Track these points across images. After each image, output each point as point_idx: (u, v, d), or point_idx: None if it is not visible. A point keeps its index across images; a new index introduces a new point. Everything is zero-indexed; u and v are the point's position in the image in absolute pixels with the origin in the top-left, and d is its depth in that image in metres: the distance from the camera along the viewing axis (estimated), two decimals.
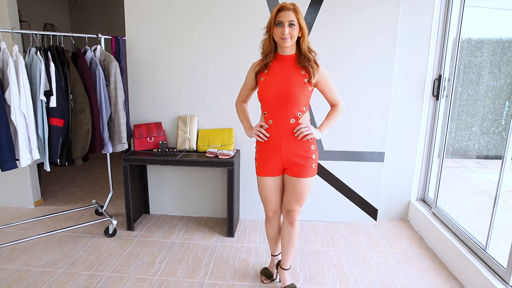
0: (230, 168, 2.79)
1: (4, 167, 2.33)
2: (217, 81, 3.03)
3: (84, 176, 4.44)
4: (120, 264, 2.51)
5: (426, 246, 2.83)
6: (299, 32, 1.82)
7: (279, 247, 2.29)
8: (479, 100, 3.73)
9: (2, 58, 2.32)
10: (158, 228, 3.08)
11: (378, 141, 3.07)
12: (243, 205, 3.26)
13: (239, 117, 2.21)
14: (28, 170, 3.36)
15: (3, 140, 2.29)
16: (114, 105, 2.81)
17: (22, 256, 2.57)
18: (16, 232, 2.92)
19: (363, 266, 2.55)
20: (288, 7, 1.78)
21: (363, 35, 2.89)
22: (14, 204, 3.47)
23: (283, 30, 1.77)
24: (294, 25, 1.78)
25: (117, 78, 2.78)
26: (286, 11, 1.77)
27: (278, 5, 1.80)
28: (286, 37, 1.78)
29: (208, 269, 2.47)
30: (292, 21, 1.77)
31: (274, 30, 1.81)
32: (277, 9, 1.79)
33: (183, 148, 3.03)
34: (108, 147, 2.82)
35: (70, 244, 2.76)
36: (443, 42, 2.96)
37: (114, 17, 5.49)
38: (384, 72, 2.94)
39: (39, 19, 5.05)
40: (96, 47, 2.82)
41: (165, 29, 2.97)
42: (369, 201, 3.20)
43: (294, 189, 2.01)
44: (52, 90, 2.44)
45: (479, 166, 4.18)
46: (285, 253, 2.19)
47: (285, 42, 1.80)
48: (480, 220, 3.17)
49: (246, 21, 2.90)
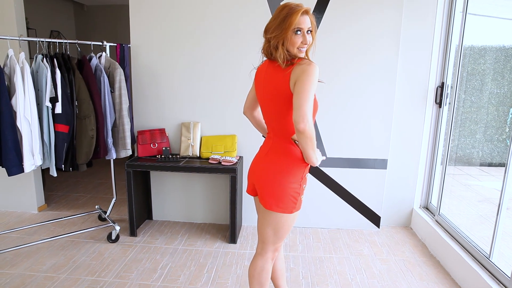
0: (233, 175, 2.80)
1: (11, 171, 2.36)
2: (221, 88, 3.06)
3: (88, 182, 4.46)
4: (122, 269, 2.51)
5: (429, 254, 2.82)
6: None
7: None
8: (483, 107, 3.72)
9: (9, 65, 2.36)
10: (160, 234, 3.08)
11: (381, 148, 3.07)
12: (246, 211, 3.26)
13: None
14: (32, 175, 3.38)
15: (10, 145, 2.31)
16: (118, 112, 2.83)
17: (25, 261, 2.58)
18: (19, 237, 2.94)
19: (365, 273, 2.54)
20: (308, 11, 1.49)
21: (366, 42, 2.91)
22: (18, 209, 3.49)
23: (304, 38, 1.48)
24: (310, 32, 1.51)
25: (121, 84, 2.81)
26: (306, 15, 1.48)
27: (301, 9, 1.46)
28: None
29: (211, 275, 2.47)
30: (310, 28, 1.50)
31: (292, 37, 1.47)
32: (300, 12, 1.45)
33: (186, 154, 3.05)
34: (112, 153, 2.84)
35: (73, 250, 2.77)
36: (445, 50, 2.97)
37: (119, 24, 5.58)
38: (386, 79, 2.95)
39: (46, 26, 5.13)
40: (101, 54, 2.85)
41: (168, 36, 3.01)
42: (372, 208, 3.19)
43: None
44: (57, 97, 2.47)
45: (483, 174, 4.15)
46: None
47: (301, 53, 1.52)
48: (484, 228, 3.15)
49: (249, 27, 2.93)
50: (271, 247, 1.71)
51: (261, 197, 1.64)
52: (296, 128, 1.42)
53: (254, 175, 1.70)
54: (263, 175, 1.63)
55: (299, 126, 1.40)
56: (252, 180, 1.73)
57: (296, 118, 1.40)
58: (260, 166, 1.67)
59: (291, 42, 1.48)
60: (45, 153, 2.55)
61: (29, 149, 2.42)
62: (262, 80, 1.62)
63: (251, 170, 1.74)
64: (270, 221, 1.65)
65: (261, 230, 1.71)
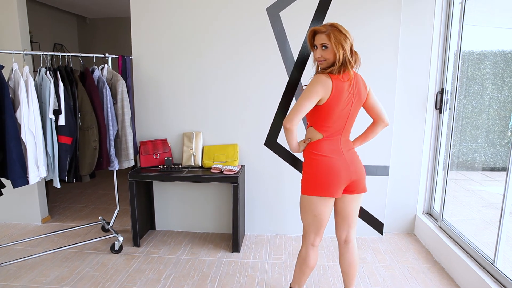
0: (235, 184, 2.81)
1: (16, 183, 2.38)
2: (221, 97, 3.09)
3: (91, 193, 4.48)
4: (126, 280, 2.51)
5: (433, 260, 2.80)
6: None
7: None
8: (484, 112, 3.73)
9: (14, 78, 2.40)
10: (164, 244, 3.09)
11: (382, 155, 3.08)
12: (248, 220, 3.26)
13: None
14: (36, 187, 3.40)
15: (14, 157, 2.34)
16: (121, 123, 2.86)
17: (29, 273, 2.59)
18: (23, 249, 2.95)
19: (369, 281, 2.53)
20: (315, 30, 1.85)
21: (365, 49, 2.92)
22: (22, 221, 3.51)
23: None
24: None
25: (124, 96, 2.85)
26: (317, 34, 1.83)
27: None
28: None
29: (214, 285, 2.47)
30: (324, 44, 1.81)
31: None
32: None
33: (188, 164, 3.07)
34: (114, 163, 2.86)
35: (76, 261, 2.77)
36: (444, 56, 3.00)
37: (120, 36, 5.65)
38: (386, 86, 2.97)
39: (49, 39, 5.20)
40: (103, 66, 2.89)
41: (170, 48, 3.05)
42: (374, 215, 3.19)
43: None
44: (61, 109, 2.51)
45: (486, 179, 4.14)
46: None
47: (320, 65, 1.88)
48: (488, 233, 3.13)
49: (249, 37, 2.97)
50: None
51: (360, 185, 1.96)
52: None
53: (353, 171, 1.91)
54: (360, 165, 1.95)
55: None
56: (349, 178, 1.90)
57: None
58: (354, 161, 1.93)
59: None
60: (49, 164, 2.57)
61: (33, 161, 2.44)
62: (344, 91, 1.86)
63: (345, 169, 1.89)
64: (360, 203, 2.05)
65: (355, 217, 2.04)
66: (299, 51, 2.96)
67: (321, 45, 1.80)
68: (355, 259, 2.07)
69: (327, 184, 1.87)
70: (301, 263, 2.04)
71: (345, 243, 2.06)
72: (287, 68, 2.99)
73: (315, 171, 1.89)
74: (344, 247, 2.07)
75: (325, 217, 1.94)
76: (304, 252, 2.02)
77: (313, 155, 1.90)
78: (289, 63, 2.98)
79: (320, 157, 1.88)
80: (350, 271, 2.08)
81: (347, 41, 1.78)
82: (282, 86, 3.02)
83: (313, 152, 1.90)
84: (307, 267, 2.03)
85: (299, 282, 2.11)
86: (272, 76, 3.01)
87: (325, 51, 1.80)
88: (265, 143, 3.12)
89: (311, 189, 1.90)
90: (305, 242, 2.01)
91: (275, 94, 3.04)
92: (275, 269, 2.68)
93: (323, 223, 1.94)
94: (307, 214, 1.95)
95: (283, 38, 2.95)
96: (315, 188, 1.88)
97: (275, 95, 3.04)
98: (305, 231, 2.01)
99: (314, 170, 1.89)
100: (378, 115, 2.02)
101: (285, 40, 2.95)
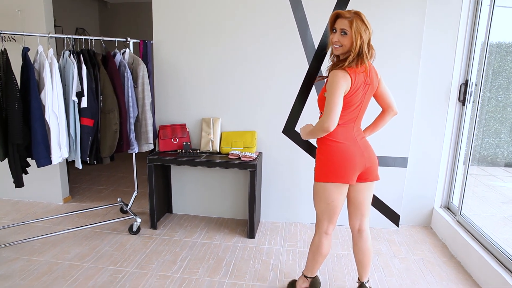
0: (252, 170, 2.83)
1: (40, 163, 2.46)
2: (241, 84, 3.08)
3: (110, 175, 4.58)
4: (143, 260, 2.58)
5: (449, 254, 2.77)
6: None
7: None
8: (509, 106, 3.61)
9: (39, 61, 2.45)
10: (180, 227, 3.15)
11: (401, 146, 3.03)
12: (264, 207, 3.28)
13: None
14: (58, 168, 3.51)
15: (39, 138, 2.41)
16: (141, 107, 2.90)
17: (52, 249, 2.69)
18: (46, 227, 3.06)
19: (383, 271, 2.52)
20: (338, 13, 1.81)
21: (388, 40, 2.87)
22: (44, 200, 3.63)
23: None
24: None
25: (144, 80, 2.88)
26: (340, 18, 1.79)
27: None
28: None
29: (229, 269, 2.51)
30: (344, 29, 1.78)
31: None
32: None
33: (206, 149, 3.10)
34: (134, 147, 2.91)
35: (96, 240, 2.86)
36: (470, 46, 2.90)
37: (141, 21, 5.67)
38: (408, 76, 2.91)
39: (71, 24, 5.28)
40: (125, 50, 2.92)
41: (190, 33, 3.05)
42: (391, 207, 3.16)
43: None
44: (83, 91, 2.56)
45: (507, 175, 4.03)
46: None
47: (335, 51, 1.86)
48: (508, 230, 3.07)
49: (270, 23, 2.94)
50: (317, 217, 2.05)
51: (374, 172, 1.95)
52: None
53: (367, 157, 1.91)
54: (373, 153, 1.95)
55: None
56: (363, 164, 1.89)
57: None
58: (367, 148, 1.93)
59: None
60: (71, 146, 2.64)
61: (56, 142, 2.51)
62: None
63: (360, 155, 1.88)
64: (373, 191, 2.04)
65: (368, 206, 2.04)
66: (320, 38, 2.92)
67: (340, 30, 1.78)
68: (368, 249, 2.07)
69: (342, 171, 1.86)
70: (314, 251, 2.05)
71: (358, 232, 2.06)
72: (308, 56, 2.95)
73: (330, 157, 1.89)
74: (358, 237, 2.07)
75: (339, 205, 1.94)
76: (317, 240, 2.03)
77: (328, 141, 1.89)
78: (309, 50, 2.94)
79: (334, 143, 1.87)
80: (364, 260, 2.08)
81: (367, 32, 1.76)
82: (302, 74, 2.99)
83: (328, 139, 1.89)
84: (320, 255, 2.04)
85: (312, 270, 2.13)
86: (292, 64, 2.98)
87: (344, 37, 1.78)
88: (283, 130, 3.11)
89: (325, 175, 1.90)
90: (318, 230, 2.03)
91: (295, 82, 3.01)
92: (289, 256, 2.70)
93: (336, 210, 1.94)
94: (321, 201, 1.95)
95: (305, 25, 2.91)
96: (330, 174, 1.88)
97: (295, 83, 3.02)
98: (319, 219, 2.02)
99: (328, 157, 1.89)
100: (388, 104, 2.01)
101: (307, 27, 2.91)
